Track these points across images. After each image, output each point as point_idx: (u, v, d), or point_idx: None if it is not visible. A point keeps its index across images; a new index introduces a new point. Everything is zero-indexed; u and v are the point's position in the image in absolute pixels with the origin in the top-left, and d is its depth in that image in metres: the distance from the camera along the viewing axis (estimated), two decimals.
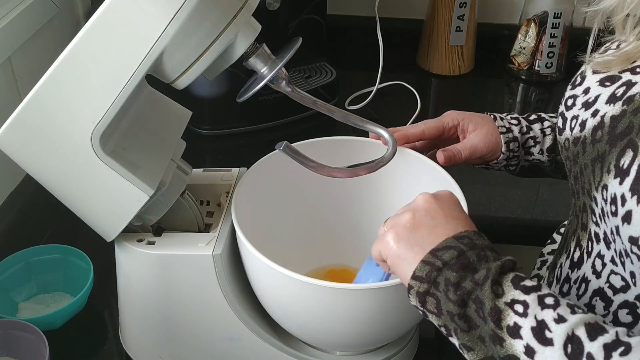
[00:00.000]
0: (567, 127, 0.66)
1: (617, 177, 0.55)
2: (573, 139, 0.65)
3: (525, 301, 0.51)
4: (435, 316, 0.55)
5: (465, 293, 0.53)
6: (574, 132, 0.65)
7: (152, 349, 0.77)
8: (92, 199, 0.67)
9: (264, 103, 1.16)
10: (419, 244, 0.56)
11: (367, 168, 0.71)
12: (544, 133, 0.82)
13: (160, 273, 0.71)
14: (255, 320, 0.74)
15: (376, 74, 1.30)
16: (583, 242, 0.66)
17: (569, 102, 0.67)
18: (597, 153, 0.59)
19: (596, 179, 0.59)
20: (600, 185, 0.58)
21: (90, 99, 0.61)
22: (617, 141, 0.56)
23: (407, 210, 0.58)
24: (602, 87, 0.63)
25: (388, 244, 0.58)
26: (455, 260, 0.54)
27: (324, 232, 0.85)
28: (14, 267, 0.86)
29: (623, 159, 0.55)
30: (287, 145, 0.66)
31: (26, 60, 1.02)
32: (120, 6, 0.58)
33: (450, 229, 0.56)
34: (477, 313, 0.53)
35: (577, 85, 0.67)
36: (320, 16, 1.22)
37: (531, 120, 0.82)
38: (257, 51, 0.65)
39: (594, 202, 0.60)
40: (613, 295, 0.61)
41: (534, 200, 1.06)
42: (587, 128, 0.62)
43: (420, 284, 0.55)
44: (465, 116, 0.81)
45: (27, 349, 0.74)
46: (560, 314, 0.50)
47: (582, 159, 0.62)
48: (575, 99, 0.66)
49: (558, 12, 1.31)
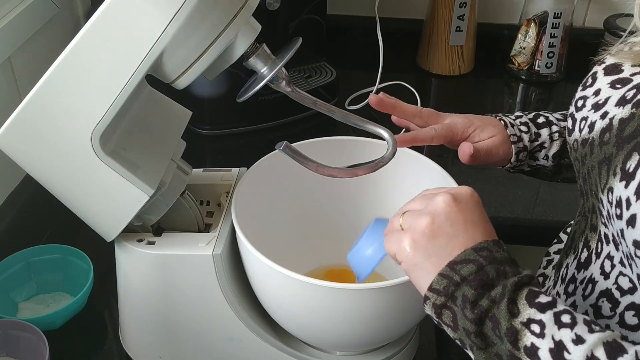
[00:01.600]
0: (577, 129, 0.66)
1: (622, 180, 0.55)
2: (582, 141, 0.64)
3: (542, 320, 0.51)
4: (452, 329, 0.54)
5: (482, 311, 0.52)
6: (583, 134, 0.64)
7: (152, 349, 0.77)
8: (92, 199, 0.67)
9: (264, 103, 1.16)
10: (437, 254, 0.54)
11: (367, 168, 0.70)
12: (551, 139, 0.80)
13: (160, 273, 0.71)
14: (255, 320, 0.74)
15: (376, 74, 1.30)
16: (592, 243, 0.65)
17: (579, 104, 0.67)
18: (604, 155, 0.59)
19: (602, 181, 0.58)
20: (606, 187, 0.58)
21: (90, 99, 0.61)
22: (625, 144, 0.56)
23: (427, 214, 0.56)
24: (612, 89, 0.62)
25: (404, 250, 0.56)
26: (474, 276, 0.53)
27: (324, 232, 0.85)
28: (14, 267, 0.86)
29: (629, 162, 0.54)
30: (287, 145, 0.66)
31: (26, 60, 1.02)
32: (120, 6, 0.58)
33: (469, 238, 0.55)
34: (494, 331, 0.52)
35: (587, 87, 0.66)
36: (320, 16, 1.22)
37: (540, 124, 0.80)
38: (257, 51, 0.65)
39: (601, 203, 0.60)
40: (620, 297, 0.61)
41: (534, 200, 1.06)
42: (595, 130, 0.62)
43: (437, 297, 0.54)
44: (477, 124, 0.78)
45: (27, 349, 0.74)
46: (578, 334, 0.49)
47: (589, 160, 0.62)
48: (586, 100, 0.66)
49: (558, 12, 1.31)
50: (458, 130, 0.77)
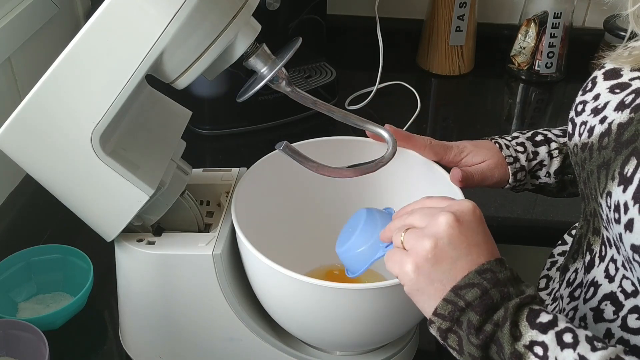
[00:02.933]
0: (577, 133, 0.66)
1: (620, 184, 0.55)
2: (581, 145, 0.65)
3: (544, 342, 0.51)
4: (457, 353, 0.54)
5: (486, 336, 0.52)
6: (582, 138, 0.64)
7: (152, 349, 0.77)
8: (92, 199, 0.67)
9: (264, 103, 1.16)
10: (440, 279, 0.54)
11: (367, 168, 0.70)
12: (551, 156, 0.79)
13: (160, 273, 0.71)
14: (255, 320, 0.74)
15: (376, 74, 1.31)
16: (595, 247, 0.65)
17: (578, 108, 0.67)
18: (602, 160, 0.59)
19: (601, 185, 0.59)
20: (604, 192, 0.58)
21: (90, 99, 0.61)
22: (623, 149, 0.56)
23: (429, 237, 0.55)
24: (612, 94, 0.63)
25: (407, 274, 0.56)
26: (478, 301, 0.52)
27: (324, 232, 0.85)
28: (14, 267, 0.86)
29: (627, 167, 0.55)
30: (287, 145, 0.66)
31: (26, 60, 1.02)
32: (120, 6, 0.58)
33: (472, 260, 0.54)
34: (499, 355, 0.52)
35: (587, 91, 0.67)
36: (320, 16, 1.22)
37: (537, 142, 0.80)
38: (257, 51, 0.65)
39: (600, 208, 0.60)
40: (625, 300, 0.61)
41: (534, 200, 1.06)
42: (594, 134, 0.62)
43: (442, 322, 0.54)
44: (470, 149, 0.78)
45: (27, 349, 0.74)
46: (581, 353, 0.50)
47: (589, 165, 0.62)
48: (585, 104, 0.66)
49: (558, 12, 1.31)
50: (451, 152, 0.78)
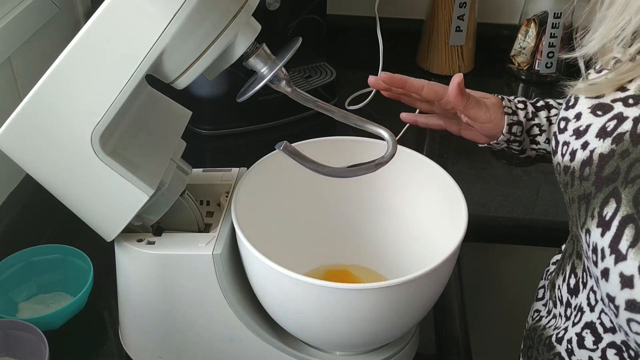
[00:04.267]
0: (559, 152, 0.64)
1: (599, 226, 0.53)
2: (564, 167, 0.63)
3: None
4: None
5: None
6: (565, 160, 0.63)
7: (152, 349, 0.77)
8: (92, 199, 0.67)
9: (264, 103, 1.16)
10: None
11: (367, 168, 0.70)
12: (550, 121, 0.79)
13: (160, 273, 0.71)
14: (255, 320, 0.74)
15: (376, 74, 1.29)
16: (578, 271, 0.64)
17: (561, 125, 0.65)
18: (583, 192, 0.58)
19: (581, 219, 0.57)
20: (584, 227, 0.56)
21: (90, 99, 0.61)
22: (603, 186, 0.55)
23: None
24: (593, 116, 0.60)
25: None
26: None
27: (324, 232, 0.85)
28: (14, 267, 0.86)
29: (606, 209, 0.53)
30: (287, 145, 0.65)
31: (26, 60, 1.02)
32: (120, 6, 0.58)
33: None
34: None
35: (569, 107, 0.64)
36: (320, 16, 1.22)
37: (538, 107, 0.80)
38: (257, 51, 0.65)
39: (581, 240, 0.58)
40: (603, 333, 0.60)
41: (534, 200, 1.06)
42: (576, 160, 0.60)
43: None
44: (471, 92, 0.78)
45: (27, 349, 0.74)
46: None
47: (570, 191, 0.61)
48: (567, 122, 0.64)
49: (558, 12, 1.31)
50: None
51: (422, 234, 0.80)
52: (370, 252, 0.85)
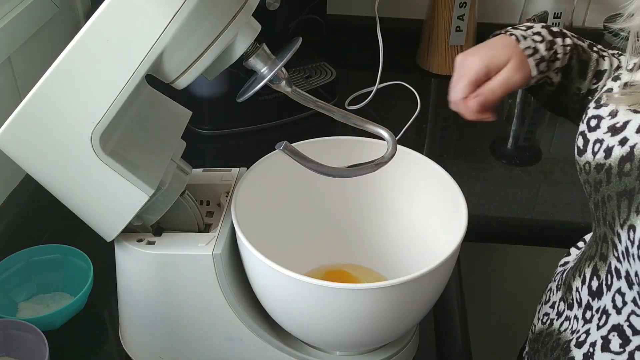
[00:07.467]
0: (589, 150, 0.62)
1: None
2: (595, 165, 0.61)
3: None
4: None
5: None
6: (597, 158, 0.61)
7: (152, 349, 0.77)
8: (92, 199, 0.67)
9: (264, 103, 1.16)
10: None
11: (367, 168, 0.70)
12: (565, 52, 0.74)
13: (160, 273, 0.71)
14: (255, 320, 0.74)
15: (376, 74, 1.30)
16: (601, 273, 0.62)
17: (592, 123, 0.62)
18: (624, 187, 0.56)
19: (622, 215, 0.55)
20: (626, 223, 0.55)
21: (90, 99, 0.61)
22: None
23: None
24: (632, 112, 0.58)
25: None
26: None
27: (323, 232, 0.85)
28: (14, 267, 0.86)
29: None
30: (287, 145, 0.65)
31: (26, 60, 1.02)
32: (120, 6, 0.58)
33: None
34: None
35: (602, 105, 0.62)
36: (320, 16, 1.22)
37: (554, 33, 0.75)
38: (257, 51, 0.65)
39: (617, 237, 0.57)
40: (632, 336, 0.59)
41: (534, 200, 1.06)
42: (613, 156, 0.58)
43: None
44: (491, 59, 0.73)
45: (27, 349, 0.74)
46: None
47: (605, 189, 0.59)
48: (600, 120, 0.61)
49: (558, 12, 1.31)
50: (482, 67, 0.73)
51: (422, 234, 0.80)
52: (370, 252, 0.85)
